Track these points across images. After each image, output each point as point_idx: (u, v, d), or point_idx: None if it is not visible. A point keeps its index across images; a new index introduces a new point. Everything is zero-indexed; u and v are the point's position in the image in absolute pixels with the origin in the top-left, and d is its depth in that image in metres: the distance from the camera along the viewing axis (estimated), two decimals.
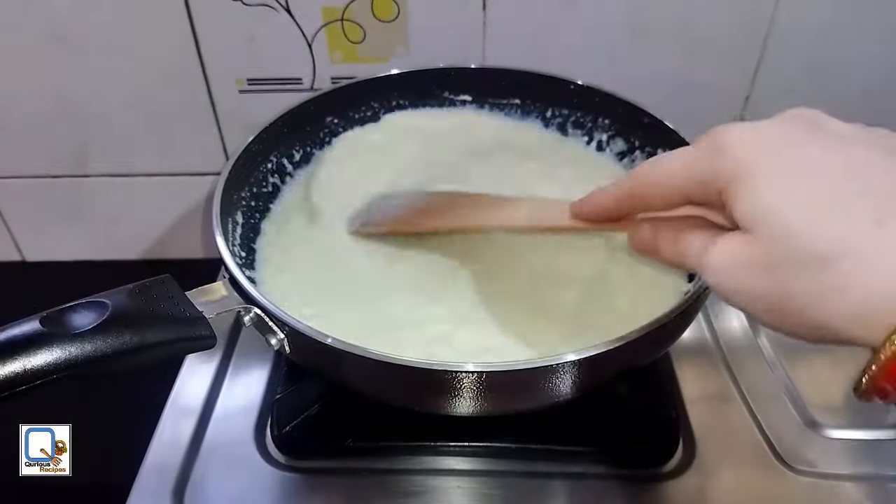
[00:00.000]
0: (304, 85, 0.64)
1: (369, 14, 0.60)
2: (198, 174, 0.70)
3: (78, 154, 0.69)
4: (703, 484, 0.49)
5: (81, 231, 0.75)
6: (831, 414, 0.53)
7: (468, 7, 0.60)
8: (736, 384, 0.55)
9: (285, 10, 0.59)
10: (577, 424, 0.50)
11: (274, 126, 0.56)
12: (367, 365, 0.38)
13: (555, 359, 0.37)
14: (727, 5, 0.59)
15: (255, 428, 0.53)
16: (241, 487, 0.49)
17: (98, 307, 0.36)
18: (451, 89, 0.63)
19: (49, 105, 0.65)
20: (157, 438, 0.52)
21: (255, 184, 0.56)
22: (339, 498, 0.49)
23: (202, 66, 0.63)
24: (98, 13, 0.59)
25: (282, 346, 0.41)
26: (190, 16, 0.59)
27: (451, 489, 0.48)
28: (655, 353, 0.48)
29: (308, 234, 0.53)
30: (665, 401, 0.53)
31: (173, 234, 0.75)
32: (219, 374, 0.57)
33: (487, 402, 0.40)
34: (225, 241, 0.45)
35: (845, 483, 0.49)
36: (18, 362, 0.32)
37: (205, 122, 0.66)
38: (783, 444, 0.51)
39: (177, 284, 0.40)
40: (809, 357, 0.57)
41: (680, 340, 0.47)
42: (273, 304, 0.40)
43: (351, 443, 0.50)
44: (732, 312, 0.61)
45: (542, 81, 0.61)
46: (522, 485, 0.49)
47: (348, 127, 0.62)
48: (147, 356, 0.36)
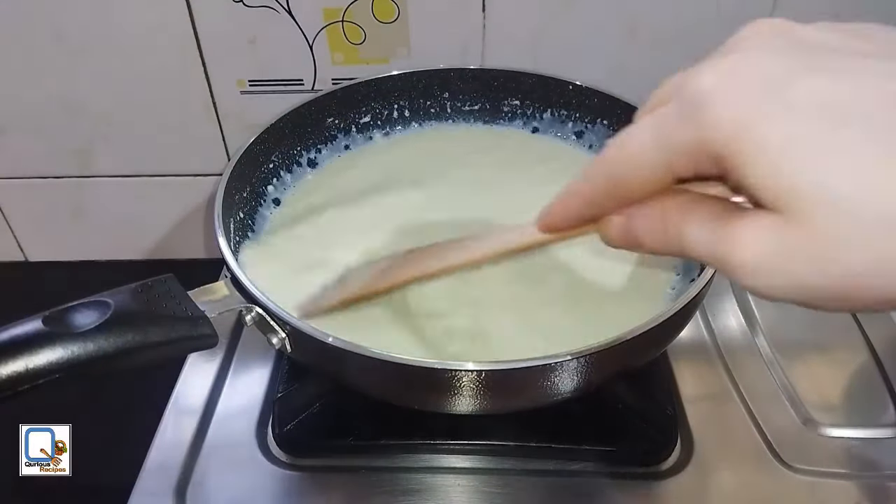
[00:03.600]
0: (306, 86, 0.64)
1: (370, 15, 0.60)
2: (199, 175, 0.71)
3: (80, 155, 0.69)
4: (701, 482, 0.49)
5: (84, 231, 0.75)
6: (828, 413, 0.53)
7: (468, 9, 0.60)
8: (734, 383, 0.55)
9: (286, 12, 0.60)
10: (576, 423, 0.50)
11: (275, 127, 0.56)
12: (367, 364, 0.38)
13: (554, 358, 0.37)
14: (726, 5, 0.59)
15: (257, 427, 0.53)
16: (242, 486, 0.50)
17: (100, 306, 0.36)
18: (450, 90, 0.63)
19: (51, 106, 0.65)
20: (159, 437, 0.52)
21: (256, 184, 0.56)
22: (340, 496, 0.49)
23: (204, 67, 0.63)
24: (100, 14, 0.59)
25: (283, 345, 0.42)
26: (192, 17, 0.60)
27: (451, 487, 0.49)
28: (654, 353, 0.48)
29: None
30: (663, 399, 0.53)
31: (175, 234, 0.76)
32: (220, 374, 0.57)
33: (487, 400, 0.40)
34: (226, 241, 0.45)
35: (843, 481, 0.49)
36: (21, 361, 0.32)
37: (206, 123, 0.66)
38: (780, 442, 0.51)
39: (179, 284, 0.40)
40: (807, 356, 0.57)
41: (678, 339, 0.47)
42: (274, 304, 0.40)
43: (352, 441, 0.51)
44: (730, 312, 0.61)
45: (542, 82, 0.61)
46: (521, 482, 0.49)
47: (348, 127, 0.62)
48: (149, 355, 0.36)
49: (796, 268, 0.21)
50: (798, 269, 0.21)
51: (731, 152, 0.21)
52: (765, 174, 0.20)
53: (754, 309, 0.61)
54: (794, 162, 0.20)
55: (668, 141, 0.23)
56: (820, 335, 0.60)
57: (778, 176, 0.20)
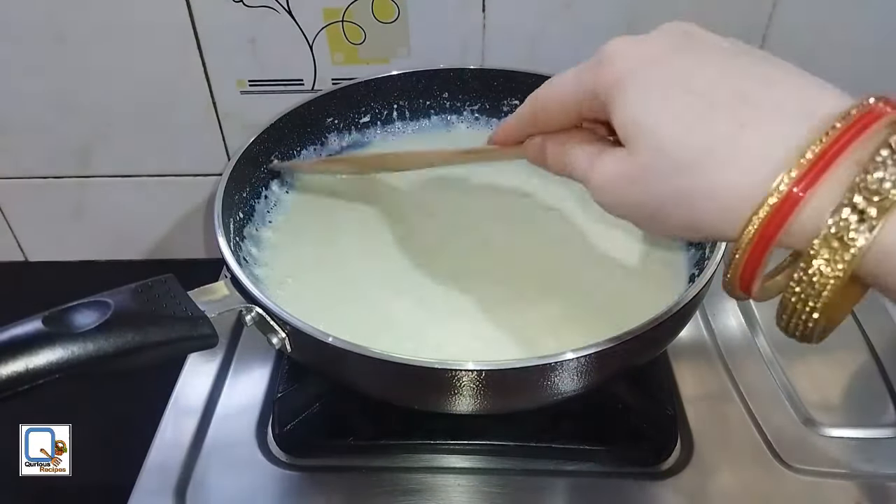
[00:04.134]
0: (306, 86, 0.64)
1: (370, 15, 0.60)
2: (199, 175, 0.71)
3: (80, 155, 0.69)
4: (701, 482, 0.49)
5: (83, 231, 0.75)
6: (828, 412, 0.53)
7: (468, 9, 0.60)
8: (733, 383, 0.55)
9: (286, 12, 0.60)
10: (576, 422, 0.50)
11: (275, 127, 0.56)
12: (367, 364, 0.38)
13: (553, 357, 0.37)
14: (725, 5, 0.59)
15: (257, 427, 0.53)
16: (242, 486, 0.50)
17: (100, 307, 0.36)
18: (450, 90, 0.63)
19: (51, 106, 0.65)
20: (159, 438, 0.52)
21: (256, 184, 0.56)
22: (340, 496, 0.49)
23: (204, 67, 0.63)
24: (100, 14, 0.59)
25: (283, 345, 0.42)
26: (191, 16, 0.60)
27: (451, 487, 0.49)
28: (653, 353, 0.48)
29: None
30: (663, 399, 0.53)
31: (175, 234, 0.76)
32: (220, 374, 0.57)
33: (487, 400, 0.40)
34: (226, 241, 0.45)
35: (843, 481, 0.49)
36: (21, 361, 0.32)
37: (206, 123, 0.66)
38: (780, 442, 0.51)
39: (179, 284, 0.40)
40: (807, 356, 0.57)
41: (678, 339, 0.47)
42: (274, 304, 0.41)
43: (352, 441, 0.51)
44: (730, 312, 0.61)
45: (542, 82, 0.61)
46: (521, 482, 0.49)
47: (348, 127, 0.62)
48: (149, 355, 0.36)
49: (625, 189, 0.29)
50: (626, 191, 0.29)
51: (608, 97, 0.29)
52: (622, 115, 0.28)
53: (754, 309, 0.61)
54: (639, 110, 0.28)
55: (579, 82, 0.31)
56: None
57: (628, 119, 0.28)
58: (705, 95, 0.26)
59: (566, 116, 0.33)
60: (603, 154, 0.30)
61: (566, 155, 0.33)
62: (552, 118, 0.34)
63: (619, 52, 0.29)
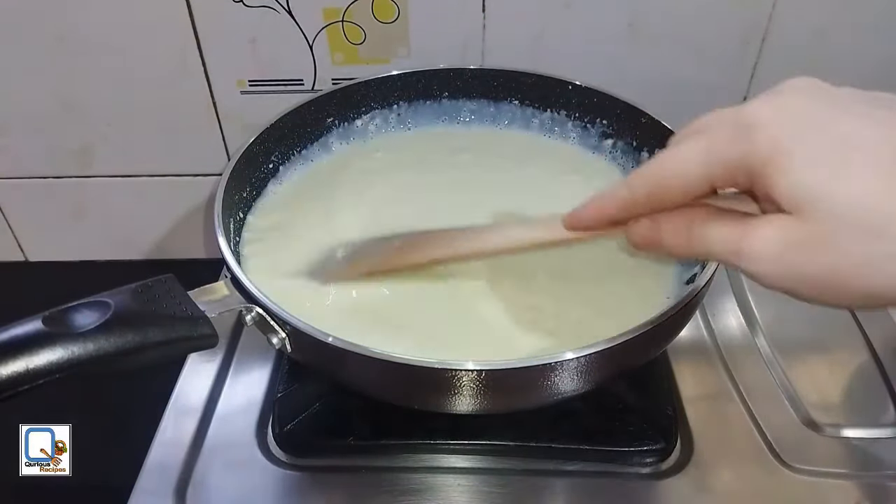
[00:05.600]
0: (306, 86, 0.64)
1: (370, 15, 0.60)
2: (199, 175, 0.71)
3: (80, 155, 0.69)
4: (701, 482, 0.49)
5: (84, 231, 0.75)
6: (828, 413, 0.53)
7: (468, 9, 0.60)
8: (734, 383, 0.55)
9: (286, 12, 0.60)
10: (576, 422, 0.50)
11: (275, 127, 0.56)
12: (367, 364, 0.38)
13: (553, 357, 0.37)
14: (725, 5, 0.59)
15: (257, 426, 0.53)
16: (242, 486, 0.50)
17: (100, 307, 0.36)
18: (450, 90, 0.63)
19: (51, 106, 0.65)
20: (159, 437, 0.52)
21: (256, 184, 0.56)
22: (340, 496, 0.49)
23: (204, 67, 0.63)
24: (100, 14, 0.60)
25: (283, 345, 0.42)
26: (192, 17, 0.60)
27: (451, 487, 0.49)
28: (654, 353, 0.48)
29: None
30: (663, 399, 0.53)
31: (175, 234, 0.76)
32: (220, 374, 0.57)
33: (487, 400, 0.40)
34: (227, 241, 0.45)
35: (843, 481, 0.49)
36: (21, 361, 0.32)
37: (206, 123, 0.66)
38: (780, 442, 0.51)
39: (179, 284, 0.40)
40: (807, 356, 0.57)
41: (677, 339, 0.47)
42: (275, 304, 0.41)
43: (352, 441, 0.51)
44: (730, 312, 0.61)
45: (542, 82, 0.61)
46: (521, 482, 0.49)
47: (349, 127, 0.62)
48: (149, 355, 0.36)
49: (795, 257, 0.27)
50: (796, 259, 0.27)
51: (767, 166, 0.27)
52: (789, 183, 0.27)
53: (754, 309, 0.61)
54: (812, 175, 0.26)
55: (716, 156, 0.29)
56: (820, 335, 0.60)
57: (799, 185, 0.26)
58: (879, 154, 0.26)
59: (688, 193, 0.30)
60: (758, 224, 0.28)
61: (706, 229, 0.30)
62: (670, 197, 0.31)
63: (766, 118, 0.28)
